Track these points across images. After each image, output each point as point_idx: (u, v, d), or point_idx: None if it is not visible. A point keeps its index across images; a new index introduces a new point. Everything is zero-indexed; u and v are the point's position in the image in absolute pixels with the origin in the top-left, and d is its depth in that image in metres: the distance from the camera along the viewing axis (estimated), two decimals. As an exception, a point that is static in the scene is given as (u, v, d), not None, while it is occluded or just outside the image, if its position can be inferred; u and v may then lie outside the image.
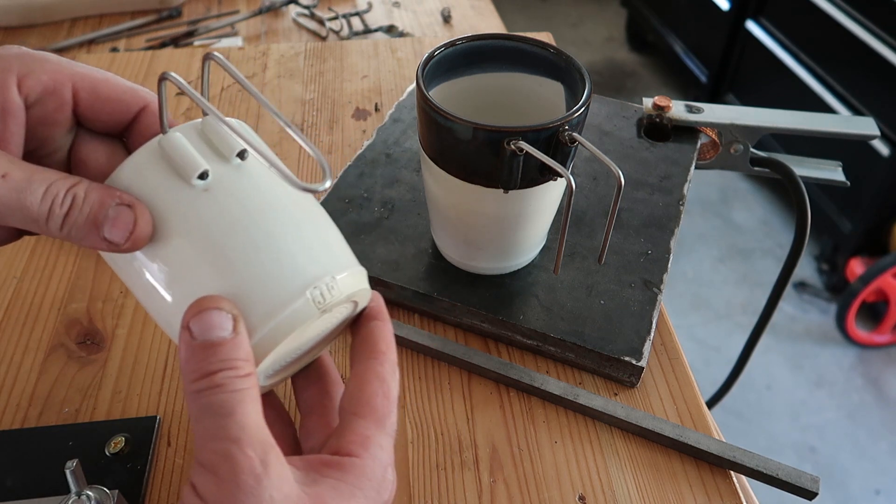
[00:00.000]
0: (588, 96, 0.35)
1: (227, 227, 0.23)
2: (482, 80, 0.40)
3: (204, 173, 0.24)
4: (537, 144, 0.33)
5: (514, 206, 0.37)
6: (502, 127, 0.32)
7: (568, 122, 0.33)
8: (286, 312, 0.23)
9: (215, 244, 0.23)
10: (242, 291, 0.23)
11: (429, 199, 0.42)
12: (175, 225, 0.24)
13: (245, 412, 0.22)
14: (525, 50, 0.38)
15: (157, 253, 0.24)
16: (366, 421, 0.25)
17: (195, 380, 0.22)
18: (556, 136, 0.33)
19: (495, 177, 0.34)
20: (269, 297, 0.23)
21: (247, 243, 0.23)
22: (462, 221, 0.40)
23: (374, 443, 0.25)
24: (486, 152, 0.33)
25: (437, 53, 0.37)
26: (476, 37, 0.38)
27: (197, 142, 0.24)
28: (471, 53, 0.38)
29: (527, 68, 0.39)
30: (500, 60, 0.39)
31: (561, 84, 0.38)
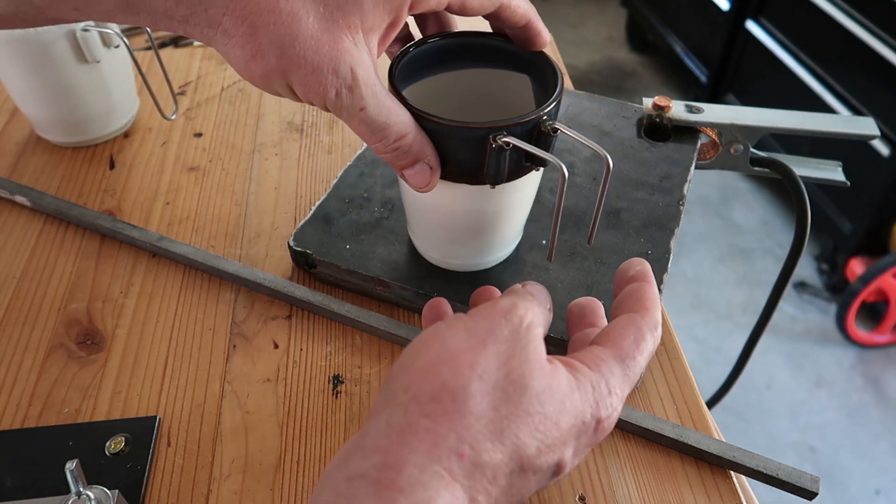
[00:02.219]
0: (561, 84, 0.35)
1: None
2: (449, 79, 0.40)
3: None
4: (522, 137, 0.33)
5: (499, 200, 0.37)
6: (486, 123, 0.32)
7: (547, 112, 0.33)
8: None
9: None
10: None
11: (407, 202, 0.41)
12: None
13: (533, 304, 0.27)
14: (490, 45, 0.38)
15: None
16: (606, 349, 0.27)
17: (507, 293, 0.29)
18: (538, 127, 0.33)
19: (482, 173, 0.35)
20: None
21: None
22: (445, 220, 0.40)
23: (607, 365, 0.26)
24: (472, 150, 0.33)
25: (405, 55, 0.36)
26: (442, 35, 0.38)
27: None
28: (437, 52, 0.38)
29: (493, 63, 0.39)
30: (466, 58, 0.39)
31: (527, 76, 0.38)
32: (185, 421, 0.39)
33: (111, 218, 0.50)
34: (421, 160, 0.33)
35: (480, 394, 0.23)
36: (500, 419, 0.23)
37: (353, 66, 0.29)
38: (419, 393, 0.23)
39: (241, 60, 0.29)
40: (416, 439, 0.22)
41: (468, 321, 0.25)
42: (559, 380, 0.25)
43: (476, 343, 0.24)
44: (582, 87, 2.19)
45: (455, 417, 0.23)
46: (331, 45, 0.28)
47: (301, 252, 0.45)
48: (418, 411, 0.23)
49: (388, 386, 0.25)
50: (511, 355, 0.24)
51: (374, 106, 0.30)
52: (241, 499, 0.35)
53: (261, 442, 0.38)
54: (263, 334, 0.43)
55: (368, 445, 0.23)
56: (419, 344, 0.25)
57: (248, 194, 0.53)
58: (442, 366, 0.24)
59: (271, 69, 0.28)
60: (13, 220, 0.51)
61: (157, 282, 0.46)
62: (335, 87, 0.29)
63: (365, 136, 0.31)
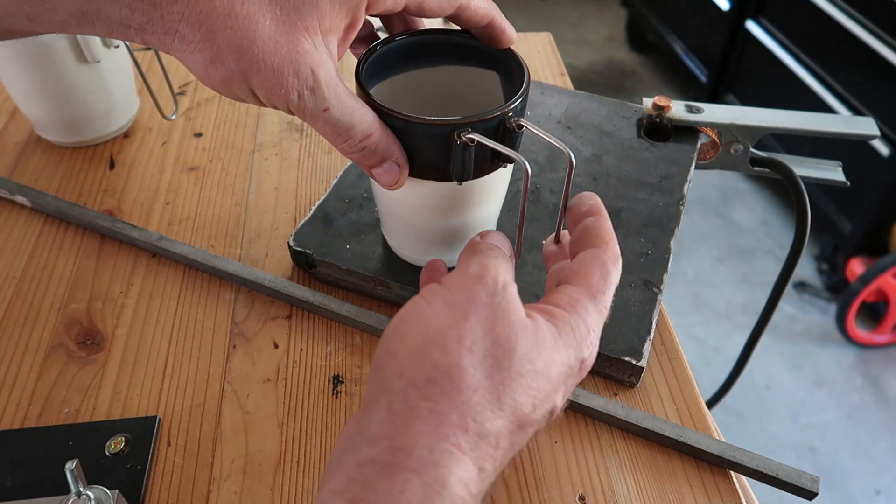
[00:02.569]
0: (527, 81, 0.35)
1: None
2: (417, 77, 0.40)
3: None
4: (486, 133, 0.33)
5: (467, 197, 0.37)
6: (450, 120, 0.32)
7: (512, 109, 0.33)
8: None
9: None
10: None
11: (379, 200, 0.41)
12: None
13: (501, 260, 0.27)
14: (457, 42, 0.38)
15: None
16: (577, 288, 0.28)
17: (471, 246, 0.29)
18: (503, 124, 0.33)
19: (448, 170, 0.34)
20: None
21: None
22: (416, 217, 0.40)
23: (581, 305, 0.27)
24: (437, 146, 0.33)
25: (373, 52, 0.36)
26: (409, 33, 0.38)
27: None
28: (405, 50, 0.38)
29: (461, 61, 0.39)
30: (434, 55, 0.39)
31: (496, 73, 0.38)
32: (185, 421, 0.39)
33: (111, 218, 0.50)
34: (388, 159, 0.33)
35: (473, 366, 0.24)
36: (496, 387, 0.24)
37: (313, 67, 0.29)
38: (414, 377, 0.24)
39: (201, 66, 0.28)
40: (421, 422, 0.23)
41: (445, 293, 0.25)
42: (543, 333, 0.26)
43: (458, 316, 0.25)
44: (582, 87, 2.19)
45: (453, 395, 0.23)
46: (289, 47, 0.28)
47: (301, 252, 0.45)
48: (417, 394, 0.23)
49: (381, 372, 0.25)
50: (494, 320, 0.25)
51: (337, 106, 0.30)
52: (241, 499, 0.35)
53: (261, 442, 0.38)
54: (263, 334, 0.43)
55: (374, 433, 0.23)
56: (401, 326, 0.25)
57: (248, 194, 0.53)
58: (430, 345, 0.24)
59: (231, 74, 0.28)
60: (13, 220, 0.51)
61: (157, 282, 0.46)
62: (297, 90, 0.29)
63: (330, 137, 0.31)
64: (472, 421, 0.23)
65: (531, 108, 0.57)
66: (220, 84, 0.29)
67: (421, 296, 0.26)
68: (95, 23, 0.28)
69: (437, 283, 0.26)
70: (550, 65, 0.70)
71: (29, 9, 0.28)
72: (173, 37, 0.28)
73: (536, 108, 0.57)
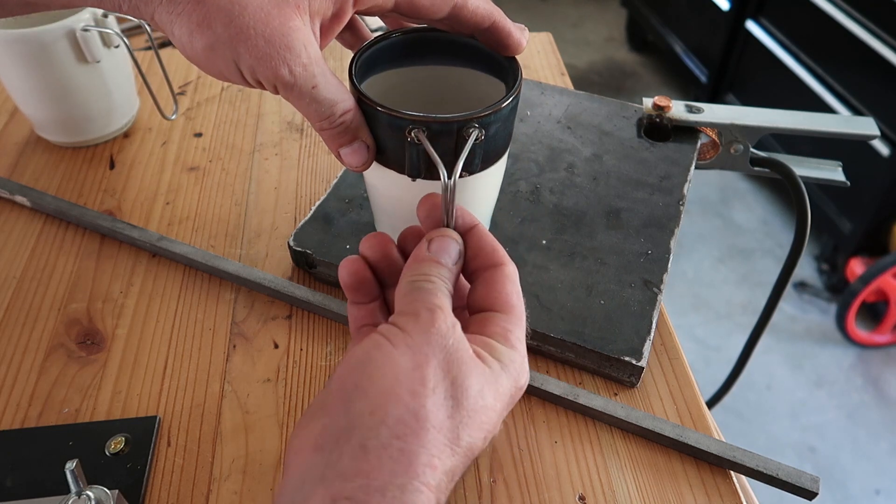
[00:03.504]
0: (510, 99, 0.34)
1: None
2: (429, 73, 0.39)
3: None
4: (444, 137, 0.32)
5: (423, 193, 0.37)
6: (407, 115, 0.32)
7: (478, 120, 0.32)
8: None
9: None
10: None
11: (370, 193, 0.41)
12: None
13: (444, 298, 0.28)
14: (470, 45, 0.37)
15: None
16: (506, 316, 0.29)
17: (415, 273, 0.29)
18: (460, 132, 0.33)
19: (404, 163, 0.34)
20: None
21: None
22: (406, 215, 0.39)
23: (514, 335, 0.29)
24: (395, 138, 0.33)
25: (369, 47, 0.36)
26: (413, 30, 0.37)
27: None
28: (403, 47, 0.38)
29: (467, 63, 0.39)
30: (436, 54, 0.38)
31: (502, 83, 0.38)
32: (185, 421, 0.39)
33: (111, 218, 0.50)
34: (358, 138, 0.33)
35: (436, 407, 0.25)
36: (455, 426, 0.26)
37: (305, 43, 0.28)
38: (385, 417, 0.25)
39: (185, 30, 0.28)
40: (393, 461, 0.24)
41: (407, 338, 0.26)
42: (491, 370, 0.27)
43: (421, 359, 0.26)
44: (582, 87, 2.19)
45: (421, 434, 0.25)
46: (281, 20, 0.28)
47: (301, 252, 0.45)
48: (389, 433, 0.24)
49: (349, 405, 0.25)
50: (450, 362, 0.26)
51: (324, 84, 0.30)
52: (241, 499, 0.35)
53: (261, 442, 0.38)
54: (263, 334, 0.43)
55: (346, 468, 0.24)
56: (369, 363, 0.26)
57: (248, 194, 0.53)
58: (400, 387, 0.25)
59: (217, 39, 0.27)
60: (13, 220, 0.51)
61: (157, 282, 0.46)
62: (287, 64, 0.28)
63: (312, 114, 0.31)
64: (437, 459, 0.25)
65: (532, 108, 0.57)
66: (203, 51, 0.28)
67: (384, 336, 0.26)
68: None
69: (396, 326, 0.27)
70: (550, 65, 0.70)
71: None
72: (159, 1, 0.27)
73: (536, 107, 0.57)
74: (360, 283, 0.31)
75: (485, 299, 0.30)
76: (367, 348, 0.26)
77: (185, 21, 0.27)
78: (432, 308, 0.27)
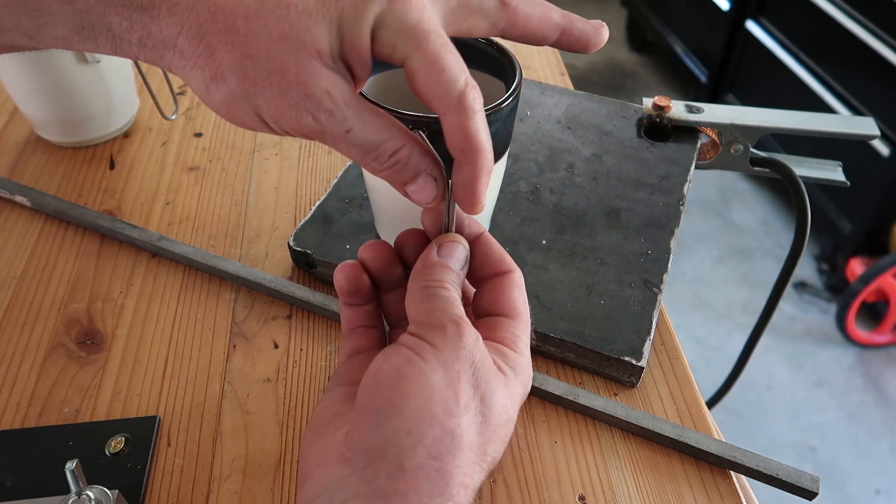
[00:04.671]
0: (509, 99, 0.34)
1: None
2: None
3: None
4: (442, 136, 0.32)
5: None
6: (409, 115, 0.32)
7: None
8: None
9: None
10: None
11: (369, 192, 0.41)
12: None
13: (462, 308, 0.28)
14: (473, 46, 0.37)
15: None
16: (515, 322, 0.30)
17: (428, 279, 0.29)
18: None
19: None
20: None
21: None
22: (398, 211, 0.39)
23: (522, 341, 0.30)
24: None
25: None
26: None
27: None
28: None
29: (472, 64, 0.38)
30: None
31: (501, 83, 0.38)
32: (185, 421, 0.39)
33: (111, 218, 0.50)
34: (423, 172, 0.29)
35: (469, 425, 0.26)
36: (483, 442, 0.26)
37: (328, 88, 0.26)
38: (423, 437, 0.25)
39: (202, 84, 0.27)
40: (430, 481, 0.24)
41: (438, 354, 0.26)
42: (509, 381, 0.28)
43: (454, 376, 0.26)
44: (582, 87, 2.19)
45: (456, 453, 0.25)
46: (297, 69, 0.26)
47: (301, 252, 0.45)
48: (426, 453, 0.25)
49: (384, 424, 0.25)
50: (478, 377, 0.26)
51: (360, 126, 0.27)
52: (241, 499, 0.35)
53: (261, 442, 0.38)
54: (263, 334, 0.43)
55: (384, 487, 0.24)
56: (401, 380, 0.25)
57: (248, 194, 0.53)
58: (435, 406, 0.25)
59: (233, 93, 0.26)
60: (13, 220, 0.51)
61: (157, 282, 0.46)
62: (311, 113, 0.26)
63: (357, 158, 0.28)
64: (469, 478, 0.25)
65: (531, 108, 0.57)
66: (222, 105, 0.27)
67: (413, 352, 0.26)
68: (98, 38, 0.27)
69: (423, 340, 0.26)
70: (550, 65, 0.70)
71: (28, 23, 0.27)
72: (173, 52, 0.26)
73: (536, 107, 0.57)
74: (357, 288, 0.31)
75: (493, 304, 0.30)
76: (398, 364, 0.26)
77: (199, 74, 0.26)
78: (457, 321, 0.27)
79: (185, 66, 0.27)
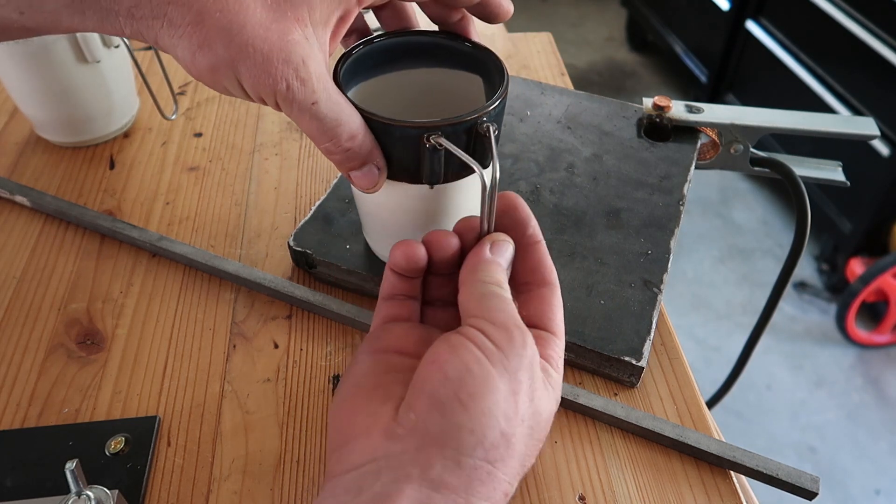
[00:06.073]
0: (505, 87, 0.34)
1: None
2: (403, 78, 0.39)
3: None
4: (456, 137, 0.32)
5: (440, 200, 0.37)
6: (420, 122, 0.32)
7: (486, 115, 0.33)
8: None
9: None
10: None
11: (360, 203, 0.41)
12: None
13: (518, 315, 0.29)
14: (442, 45, 0.37)
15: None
16: (559, 341, 0.31)
17: (486, 275, 0.29)
18: (474, 129, 0.33)
19: (419, 173, 0.34)
20: None
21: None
22: (393, 219, 0.39)
23: (561, 358, 0.31)
24: (408, 149, 0.33)
25: (349, 56, 0.36)
26: (388, 34, 0.37)
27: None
28: (384, 52, 0.37)
29: (446, 63, 0.38)
30: (419, 57, 0.38)
31: (479, 77, 0.38)
32: (185, 421, 0.39)
33: (111, 218, 0.50)
34: (369, 162, 0.32)
35: (521, 436, 0.27)
36: (527, 454, 0.27)
37: (304, 57, 0.28)
38: (483, 438, 0.25)
39: (188, 52, 0.28)
40: (481, 483, 0.25)
41: (504, 360, 0.27)
42: (550, 395, 0.29)
43: (516, 386, 0.27)
44: (582, 87, 2.19)
45: (507, 461, 0.26)
46: (280, 35, 0.27)
47: (301, 252, 0.45)
48: (483, 455, 0.25)
49: (448, 417, 0.25)
50: (534, 390, 0.27)
51: (325, 101, 0.29)
52: (241, 499, 0.35)
53: (261, 442, 0.38)
54: (263, 334, 0.43)
55: (437, 478, 0.25)
56: (470, 379, 0.26)
57: (248, 194, 0.53)
58: (498, 412, 0.26)
59: (219, 60, 0.27)
60: (13, 220, 0.51)
61: (157, 282, 0.46)
62: (286, 79, 0.28)
63: (315, 134, 0.30)
64: (511, 486, 0.26)
65: (531, 108, 0.57)
66: (206, 72, 0.28)
67: (481, 351, 0.26)
68: (86, 12, 0.27)
69: (490, 340, 0.27)
70: (550, 65, 0.70)
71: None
72: (161, 21, 0.27)
73: (536, 107, 0.57)
74: (415, 265, 0.31)
75: (539, 317, 0.31)
76: (467, 361, 0.26)
77: (187, 43, 0.27)
78: (522, 329, 0.28)
79: (174, 34, 0.27)
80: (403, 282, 0.32)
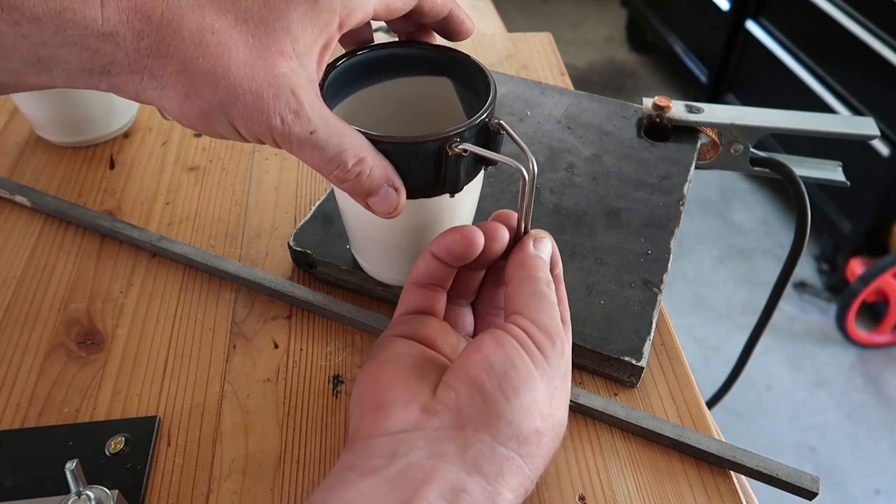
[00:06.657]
0: (493, 80, 0.34)
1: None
2: (368, 95, 0.38)
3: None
4: (476, 140, 0.32)
5: (454, 207, 0.37)
6: (439, 134, 0.31)
7: (491, 111, 0.33)
8: None
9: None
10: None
11: (352, 223, 0.40)
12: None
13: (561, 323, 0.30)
14: (403, 54, 0.37)
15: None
16: (569, 337, 0.32)
17: (534, 271, 0.30)
18: (486, 128, 0.33)
19: (439, 185, 0.33)
20: None
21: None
22: (397, 238, 0.38)
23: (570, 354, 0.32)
24: (428, 164, 0.32)
25: (326, 76, 0.34)
26: (349, 53, 0.36)
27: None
28: (353, 70, 0.36)
29: (411, 71, 0.38)
30: (382, 70, 0.37)
31: (447, 78, 0.37)
32: (185, 421, 0.39)
33: (111, 218, 0.50)
34: (384, 184, 0.31)
35: (549, 437, 0.28)
36: (548, 454, 0.29)
37: (293, 88, 0.27)
38: (519, 433, 0.27)
39: (175, 102, 0.27)
40: (511, 474, 0.26)
41: (544, 364, 0.28)
42: (567, 402, 0.30)
43: (552, 391, 0.28)
44: (582, 87, 2.19)
45: (536, 458, 0.28)
46: (266, 71, 0.27)
47: (301, 252, 0.45)
48: (516, 448, 0.27)
49: (490, 406, 0.27)
50: (561, 399, 0.29)
51: (323, 128, 0.28)
52: (241, 499, 0.35)
53: (261, 442, 0.38)
54: (263, 334, 0.43)
55: (471, 463, 0.26)
56: (514, 374, 0.27)
57: (248, 194, 0.53)
58: (535, 410, 0.27)
59: (208, 106, 0.27)
60: (13, 220, 0.51)
61: (157, 282, 0.46)
62: (279, 113, 0.27)
63: (321, 164, 0.29)
64: (532, 484, 0.28)
65: (531, 108, 0.57)
66: (197, 119, 0.27)
67: (526, 351, 0.28)
68: (53, 70, 0.26)
69: (534, 342, 0.28)
70: (550, 65, 0.70)
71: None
72: (141, 74, 0.26)
73: (536, 107, 0.57)
74: (465, 257, 0.31)
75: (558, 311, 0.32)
76: (511, 356, 0.28)
77: (172, 93, 0.27)
78: (563, 338, 0.29)
79: (157, 86, 0.27)
80: (441, 269, 0.32)
